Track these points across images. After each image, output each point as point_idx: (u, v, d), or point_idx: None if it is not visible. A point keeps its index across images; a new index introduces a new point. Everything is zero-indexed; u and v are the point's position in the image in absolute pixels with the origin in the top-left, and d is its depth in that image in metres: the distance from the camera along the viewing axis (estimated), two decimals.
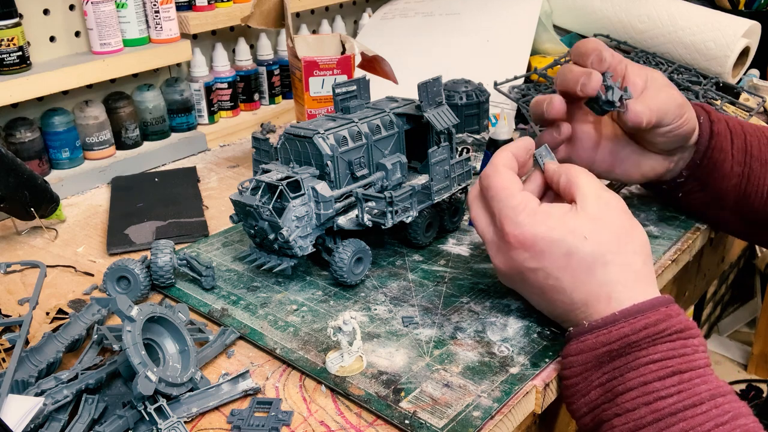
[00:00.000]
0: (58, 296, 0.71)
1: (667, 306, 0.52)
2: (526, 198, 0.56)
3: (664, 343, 0.50)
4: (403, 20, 1.30)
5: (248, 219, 0.67)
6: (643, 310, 0.52)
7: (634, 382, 0.50)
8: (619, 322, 0.52)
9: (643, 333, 0.51)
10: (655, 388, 0.49)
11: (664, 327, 0.51)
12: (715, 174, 0.72)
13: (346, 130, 0.68)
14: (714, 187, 0.73)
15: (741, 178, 0.72)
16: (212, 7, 1.07)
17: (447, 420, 0.51)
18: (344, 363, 0.56)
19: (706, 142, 0.71)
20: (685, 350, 0.50)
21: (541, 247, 0.54)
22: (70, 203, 0.93)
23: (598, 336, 0.52)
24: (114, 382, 0.57)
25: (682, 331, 0.51)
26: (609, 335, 0.52)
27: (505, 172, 0.58)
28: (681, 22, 1.14)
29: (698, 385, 0.49)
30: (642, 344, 0.51)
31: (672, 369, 0.49)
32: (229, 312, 0.65)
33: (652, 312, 0.51)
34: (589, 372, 0.52)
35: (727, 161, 0.72)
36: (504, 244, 0.57)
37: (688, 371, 0.49)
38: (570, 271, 0.54)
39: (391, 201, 0.65)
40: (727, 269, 2.08)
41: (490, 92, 0.98)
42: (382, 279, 0.70)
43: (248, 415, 0.53)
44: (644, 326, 0.51)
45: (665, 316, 0.51)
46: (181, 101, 1.08)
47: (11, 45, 0.86)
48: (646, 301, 0.52)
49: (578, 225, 0.54)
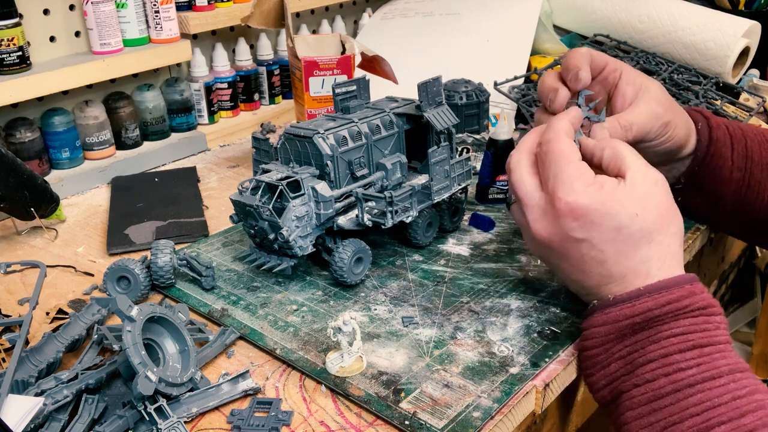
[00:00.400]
0: (58, 296, 0.71)
1: (692, 283, 0.53)
2: (583, 167, 0.57)
3: (686, 318, 0.51)
4: (403, 20, 1.30)
5: (248, 219, 0.67)
6: (668, 286, 0.53)
7: (655, 354, 0.51)
8: (644, 297, 0.53)
9: (666, 308, 0.52)
10: (675, 360, 0.50)
11: (687, 303, 0.52)
12: (714, 180, 0.72)
13: (346, 130, 0.68)
14: (713, 192, 0.73)
15: (741, 183, 0.72)
16: (212, 7, 1.07)
17: (447, 420, 0.51)
18: (344, 363, 0.56)
19: (705, 149, 0.71)
20: (706, 326, 0.51)
21: (592, 218, 0.55)
22: (70, 203, 0.93)
23: (622, 309, 0.53)
24: (114, 382, 0.57)
25: (705, 308, 0.52)
26: (633, 308, 0.53)
27: (566, 138, 0.58)
28: (681, 22, 1.14)
29: (717, 359, 0.50)
30: (665, 319, 0.52)
31: (693, 343, 0.50)
32: (229, 312, 0.65)
33: (677, 288, 0.53)
34: (610, 344, 0.54)
35: (726, 167, 0.71)
36: (552, 210, 0.57)
37: (708, 345, 0.50)
38: (616, 245, 0.55)
39: (391, 201, 0.65)
40: (727, 269, 2.07)
41: (490, 92, 0.98)
42: (382, 279, 0.70)
43: (248, 415, 0.53)
44: (667, 302, 0.52)
45: (689, 293, 0.52)
46: (181, 101, 1.08)
47: (11, 45, 0.86)
48: (671, 278, 0.54)
49: (629, 201, 0.55)
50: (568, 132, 0.59)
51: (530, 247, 0.62)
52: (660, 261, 0.55)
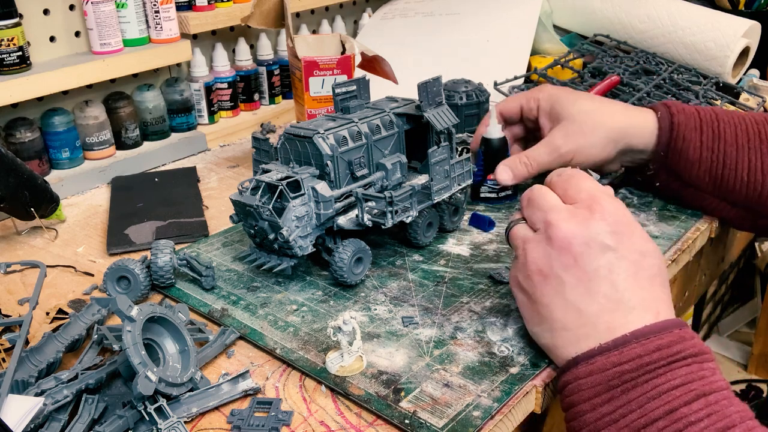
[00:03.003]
0: (58, 296, 0.71)
1: (681, 328, 0.50)
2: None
3: (681, 368, 0.48)
4: (403, 20, 1.30)
5: (248, 219, 0.67)
6: (655, 331, 0.50)
7: (659, 411, 0.46)
8: (631, 343, 0.49)
9: (656, 354, 0.49)
10: (684, 414, 0.46)
11: (678, 349, 0.49)
12: (683, 162, 0.76)
13: (346, 130, 0.68)
14: (686, 174, 0.77)
15: (714, 163, 0.75)
16: (212, 7, 1.07)
17: (447, 420, 0.51)
18: (344, 363, 0.56)
19: (667, 134, 0.76)
20: (703, 372, 0.48)
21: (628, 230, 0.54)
22: (70, 203, 0.93)
23: (609, 357, 0.50)
24: (114, 382, 0.57)
25: (697, 355, 0.49)
26: (621, 356, 0.49)
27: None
28: (681, 22, 1.14)
29: (726, 407, 0.46)
30: (657, 368, 0.48)
31: (696, 392, 0.47)
32: (229, 312, 0.65)
33: (665, 333, 0.50)
34: (599, 399, 0.49)
35: (693, 148, 0.75)
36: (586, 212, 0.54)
37: (712, 393, 0.47)
38: (637, 269, 0.53)
39: (391, 201, 0.65)
40: (727, 269, 2.07)
41: (490, 92, 0.98)
42: (382, 279, 0.70)
43: (248, 415, 0.53)
44: (657, 347, 0.49)
45: (679, 338, 0.49)
46: (181, 101, 1.08)
47: (11, 45, 0.86)
48: (658, 322, 0.51)
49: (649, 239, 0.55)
50: None
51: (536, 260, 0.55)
52: (667, 305, 0.53)
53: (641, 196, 0.86)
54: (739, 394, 1.92)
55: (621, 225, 0.54)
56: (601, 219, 0.53)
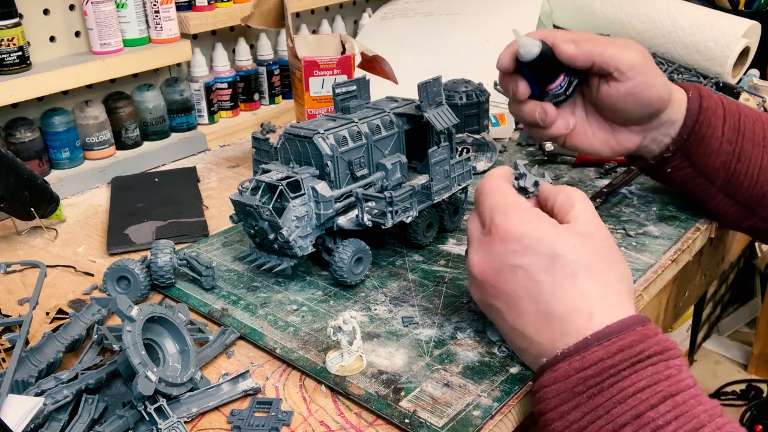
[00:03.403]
0: (58, 296, 0.71)
1: (643, 325, 0.49)
2: (518, 199, 0.56)
3: (646, 368, 0.47)
4: (403, 20, 1.30)
5: (248, 219, 0.67)
6: (617, 331, 0.48)
7: (626, 416, 0.45)
8: (592, 347, 0.48)
9: (619, 356, 0.47)
10: (651, 417, 0.44)
11: (641, 349, 0.47)
12: (703, 150, 0.73)
13: (346, 130, 0.68)
14: (701, 163, 0.74)
15: (730, 156, 0.72)
16: (212, 7, 1.07)
17: (447, 419, 0.51)
18: (344, 362, 0.56)
19: (695, 116, 0.72)
20: (669, 371, 0.47)
21: (527, 242, 0.52)
22: (70, 203, 0.93)
23: (572, 362, 0.48)
24: (114, 382, 0.57)
25: (662, 352, 0.47)
26: (582, 360, 0.48)
27: (498, 179, 0.58)
28: (681, 22, 1.14)
29: (694, 407, 0.45)
30: (621, 370, 0.47)
31: (662, 394, 0.45)
32: (229, 312, 0.65)
33: (627, 333, 0.48)
34: (565, 407, 0.48)
35: (716, 137, 0.72)
36: (488, 238, 0.54)
37: (679, 393, 0.45)
38: (552, 275, 0.51)
39: (391, 201, 0.65)
40: (727, 269, 2.07)
41: (490, 92, 0.98)
42: (382, 279, 0.70)
43: (248, 415, 0.53)
44: (619, 348, 0.47)
45: (641, 337, 0.48)
46: (181, 101, 1.08)
47: (11, 45, 0.86)
48: (620, 321, 0.49)
49: (567, 234, 0.53)
50: (501, 176, 0.58)
51: (472, 293, 0.58)
52: (602, 300, 0.50)
53: (641, 196, 0.86)
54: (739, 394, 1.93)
55: (522, 238, 0.52)
56: (500, 241, 0.53)
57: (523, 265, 0.52)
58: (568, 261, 0.51)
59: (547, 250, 0.51)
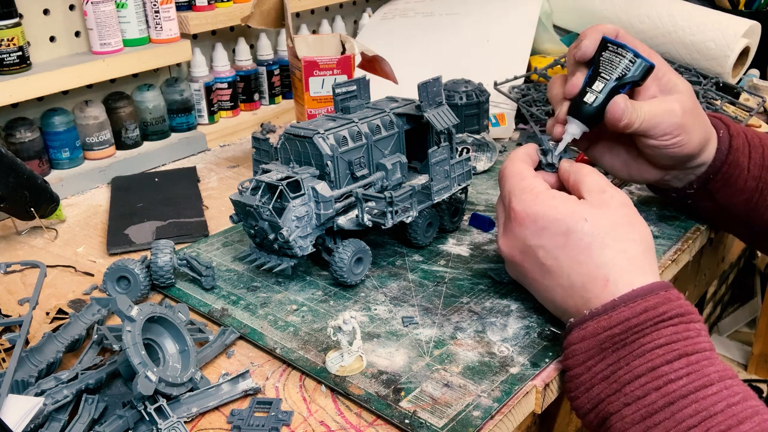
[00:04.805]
0: (58, 296, 0.71)
1: (667, 290, 0.53)
2: (534, 182, 0.60)
3: (666, 328, 0.50)
4: (403, 20, 1.30)
5: (248, 219, 0.67)
6: (642, 294, 0.52)
7: (642, 368, 0.49)
8: (619, 307, 0.52)
9: (643, 316, 0.51)
10: (664, 372, 0.49)
11: (664, 310, 0.51)
12: (728, 189, 0.72)
13: (346, 130, 0.68)
14: (724, 198, 0.72)
15: (754, 192, 0.71)
16: (212, 7, 1.07)
17: (447, 420, 0.51)
18: (344, 363, 0.56)
19: (723, 158, 0.70)
20: (688, 333, 0.50)
21: (542, 223, 0.57)
22: (70, 203, 0.93)
23: (600, 321, 0.52)
24: (114, 382, 0.57)
25: (683, 315, 0.51)
26: (610, 320, 0.52)
27: (518, 161, 0.62)
28: (681, 22, 1.14)
29: (706, 366, 0.49)
30: (644, 329, 0.51)
31: (678, 352, 0.49)
32: (229, 312, 0.65)
33: (651, 296, 0.52)
34: (592, 361, 0.52)
35: (742, 176, 0.71)
36: (509, 222, 0.60)
37: (695, 353, 0.49)
38: (568, 250, 0.56)
39: (391, 201, 0.65)
40: (727, 269, 2.07)
41: (490, 92, 0.98)
42: (382, 279, 0.70)
43: (248, 415, 0.53)
44: (644, 309, 0.51)
45: (664, 300, 0.52)
46: (181, 101, 1.08)
47: (11, 45, 0.86)
48: (645, 285, 0.53)
49: (579, 209, 0.56)
50: (522, 158, 0.63)
51: (507, 269, 0.64)
52: (620, 266, 0.54)
53: (641, 196, 0.86)
54: None
55: (537, 220, 0.57)
56: (518, 224, 0.59)
57: (542, 245, 0.57)
58: (582, 235, 0.55)
59: (561, 228, 0.56)
